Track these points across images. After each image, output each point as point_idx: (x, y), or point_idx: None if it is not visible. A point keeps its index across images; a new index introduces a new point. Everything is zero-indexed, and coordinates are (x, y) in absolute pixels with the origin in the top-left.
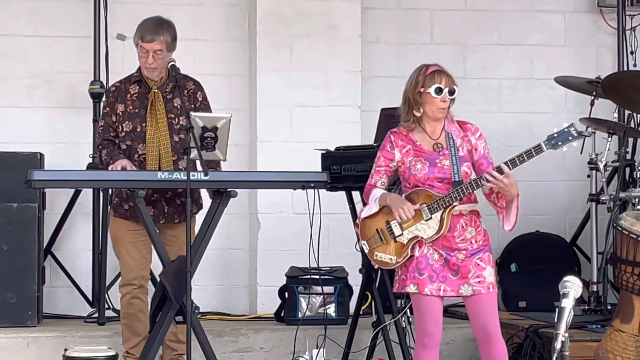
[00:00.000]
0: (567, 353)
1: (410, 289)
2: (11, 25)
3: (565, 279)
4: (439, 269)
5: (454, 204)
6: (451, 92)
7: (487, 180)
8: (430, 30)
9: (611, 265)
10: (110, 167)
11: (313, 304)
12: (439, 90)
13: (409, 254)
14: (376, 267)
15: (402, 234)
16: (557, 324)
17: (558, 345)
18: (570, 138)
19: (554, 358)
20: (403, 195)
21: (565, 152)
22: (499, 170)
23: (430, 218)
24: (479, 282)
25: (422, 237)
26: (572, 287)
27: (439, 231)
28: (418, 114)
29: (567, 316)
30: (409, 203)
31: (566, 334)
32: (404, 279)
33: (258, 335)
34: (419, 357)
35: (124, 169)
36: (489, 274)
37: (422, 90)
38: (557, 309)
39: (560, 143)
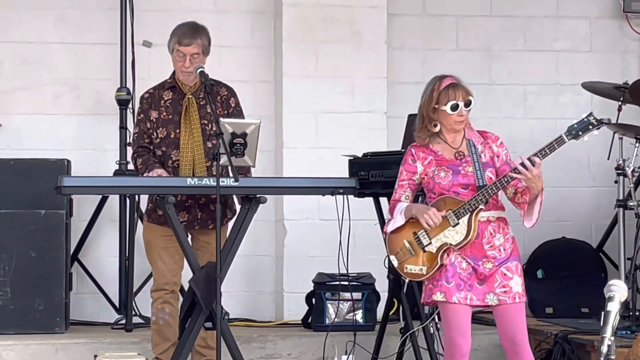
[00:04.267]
0: (613, 357)
1: (437, 296)
2: (37, 33)
3: (610, 282)
4: (467, 278)
5: (480, 207)
6: (467, 105)
7: (519, 172)
8: (455, 36)
9: None
10: (145, 176)
11: (341, 310)
12: (454, 107)
13: (439, 263)
14: (407, 280)
15: (430, 242)
16: (603, 328)
17: (604, 349)
18: (590, 127)
19: None
20: (429, 205)
21: (591, 157)
22: (531, 161)
23: (458, 223)
24: (505, 292)
25: (450, 244)
26: (618, 290)
27: (467, 236)
28: (434, 130)
29: (613, 320)
30: (435, 209)
31: (612, 338)
32: (430, 288)
33: (285, 342)
34: None
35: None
36: (516, 284)
37: (436, 106)
38: (602, 313)
39: (580, 133)
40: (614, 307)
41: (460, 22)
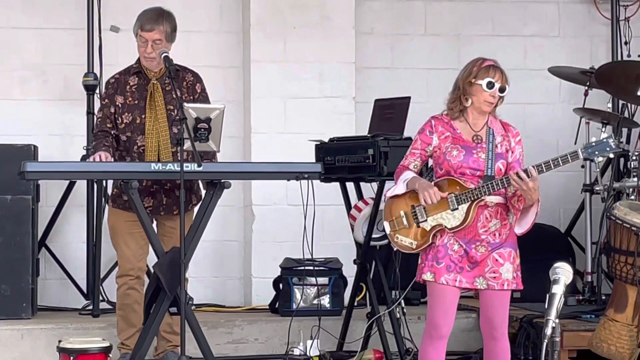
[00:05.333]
0: (557, 339)
1: (427, 276)
2: (4, 17)
3: (555, 265)
4: (457, 260)
5: (483, 198)
6: (502, 90)
7: (509, 182)
8: (424, 21)
9: (605, 255)
10: (91, 158)
11: (307, 295)
12: (490, 85)
13: (430, 242)
14: (395, 249)
15: (426, 220)
16: (548, 310)
17: (549, 331)
18: (607, 149)
19: (545, 344)
20: (433, 182)
21: (560, 142)
22: (526, 172)
23: (457, 209)
24: (495, 277)
25: (445, 226)
26: (563, 273)
27: (463, 222)
28: (466, 104)
29: (558, 302)
30: (436, 189)
31: (557, 320)
32: (422, 267)
33: (252, 327)
34: (424, 347)
35: (101, 159)
36: (506, 271)
37: (473, 80)
38: (547, 295)
39: (597, 152)
40: (558, 290)
41: (429, 7)
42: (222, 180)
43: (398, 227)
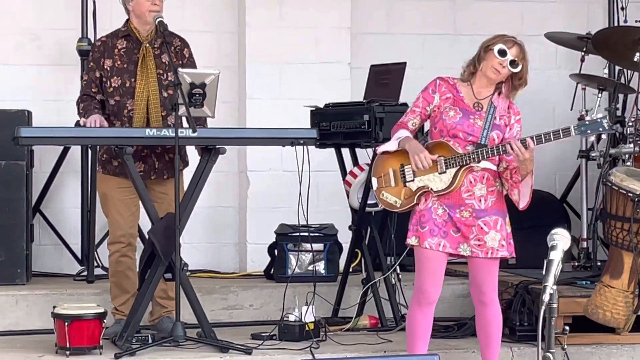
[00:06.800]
0: (555, 305)
1: (412, 241)
2: None
3: (553, 231)
4: (442, 224)
5: (471, 165)
6: (512, 63)
7: (512, 149)
8: None
9: (601, 221)
10: (82, 122)
11: (302, 261)
12: (502, 52)
13: (415, 202)
14: (380, 206)
15: (412, 180)
16: (545, 277)
17: (546, 297)
18: (600, 129)
19: (542, 310)
20: (425, 145)
21: (555, 108)
22: (524, 143)
23: (444, 172)
24: (479, 245)
25: (431, 189)
26: (560, 239)
27: (449, 187)
28: (478, 67)
29: (556, 268)
30: (427, 153)
31: (554, 287)
32: (409, 231)
33: (247, 293)
34: (412, 313)
35: (96, 124)
36: (491, 239)
37: (489, 46)
38: (545, 262)
39: (589, 132)
40: (556, 256)
41: None
42: (217, 146)
43: (385, 185)
